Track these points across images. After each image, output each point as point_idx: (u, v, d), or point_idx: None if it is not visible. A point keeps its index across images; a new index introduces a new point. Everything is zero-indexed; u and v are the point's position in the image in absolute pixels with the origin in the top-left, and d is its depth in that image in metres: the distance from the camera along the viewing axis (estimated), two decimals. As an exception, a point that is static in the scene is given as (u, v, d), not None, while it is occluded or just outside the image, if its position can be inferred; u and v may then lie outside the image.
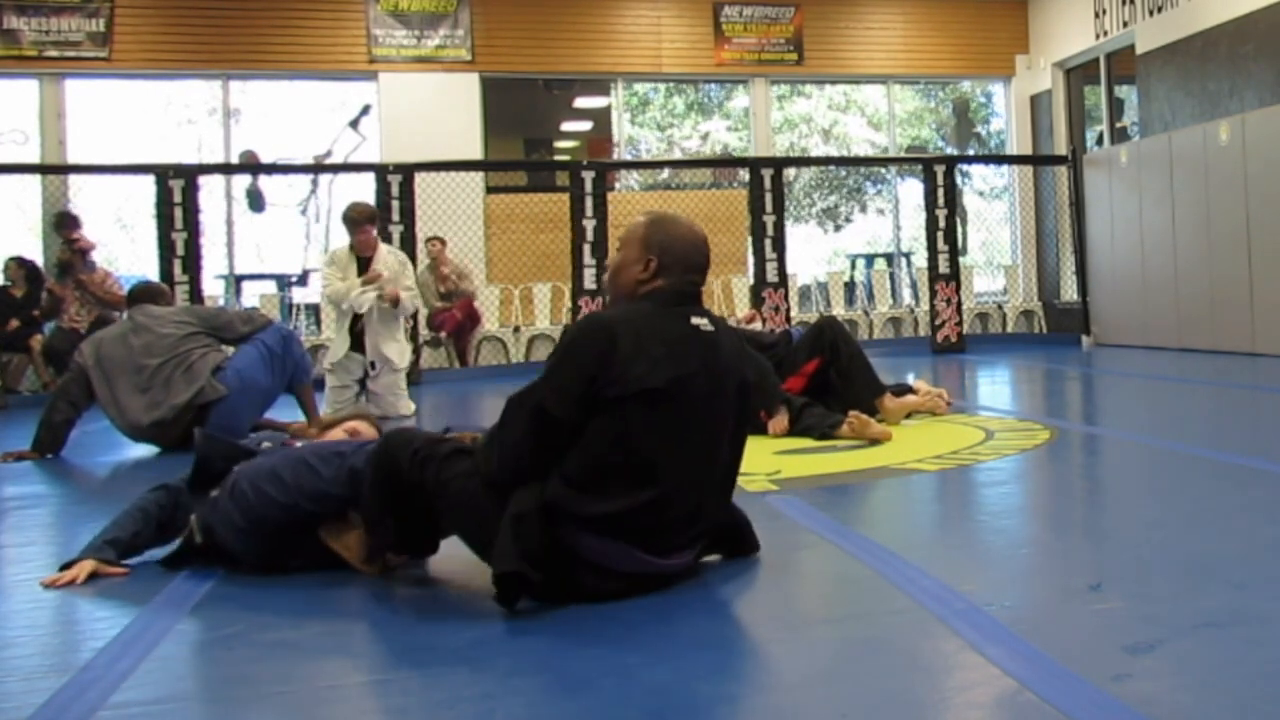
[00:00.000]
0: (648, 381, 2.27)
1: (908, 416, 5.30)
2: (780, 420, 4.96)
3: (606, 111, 12.69)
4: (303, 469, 2.69)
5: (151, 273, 9.64)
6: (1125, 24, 10.95)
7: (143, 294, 5.68)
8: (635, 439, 2.28)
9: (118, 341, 5.28)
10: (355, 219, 6.54)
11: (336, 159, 11.20)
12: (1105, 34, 11.35)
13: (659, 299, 2.42)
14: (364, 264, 6.56)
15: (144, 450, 5.41)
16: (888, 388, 5.34)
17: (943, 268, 10.90)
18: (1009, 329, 12.17)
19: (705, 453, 2.40)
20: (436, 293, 10.04)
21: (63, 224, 9.13)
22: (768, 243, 10.41)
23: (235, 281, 11.18)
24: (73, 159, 10.87)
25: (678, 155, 13.88)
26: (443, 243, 10.10)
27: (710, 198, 12.39)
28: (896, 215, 13.47)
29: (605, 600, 2.32)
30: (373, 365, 6.56)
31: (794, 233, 12.81)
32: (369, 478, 2.52)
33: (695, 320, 2.41)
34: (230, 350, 5.46)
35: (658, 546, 2.34)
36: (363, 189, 10.03)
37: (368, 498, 2.53)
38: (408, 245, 9.72)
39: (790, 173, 13.59)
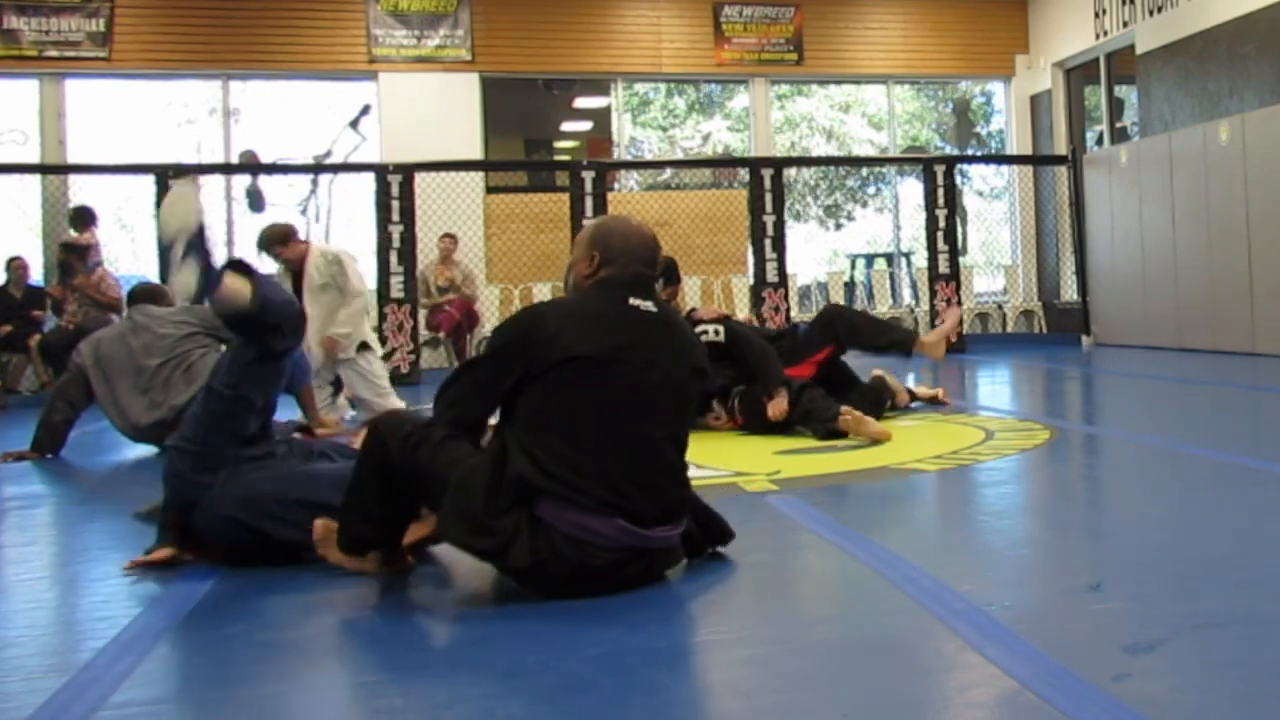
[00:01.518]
0: (576, 349, 2.37)
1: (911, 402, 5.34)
2: (780, 402, 4.94)
3: (606, 111, 12.69)
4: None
5: (151, 273, 9.64)
6: (1125, 24, 10.95)
7: (142, 294, 5.68)
8: (578, 406, 2.36)
9: (116, 342, 5.28)
10: (260, 245, 6.39)
11: (336, 159, 11.17)
12: (1105, 34, 11.34)
13: (602, 286, 2.51)
14: (296, 277, 6.35)
15: (143, 450, 5.41)
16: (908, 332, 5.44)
17: (943, 268, 10.90)
18: (1009, 329, 12.16)
19: (656, 418, 2.45)
20: (436, 287, 10.03)
21: (79, 219, 9.09)
22: (768, 243, 10.42)
23: (235, 281, 11.15)
24: (73, 159, 10.87)
25: (678, 155, 13.88)
26: (454, 241, 10.09)
27: (710, 198, 12.38)
28: (896, 215, 13.47)
29: (584, 587, 2.33)
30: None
31: (794, 232, 12.81)
32: (358, 463, 2.55)
33: (634, 301, 2.50)
34: None
35: (637, 515, 2.36)
36: (363, 189, 10.04)
37: (355, 484, 2.54)
38: (407, 245, 9.74)
39: (790, 172, 13.58)
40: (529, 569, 2.33)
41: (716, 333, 5.18)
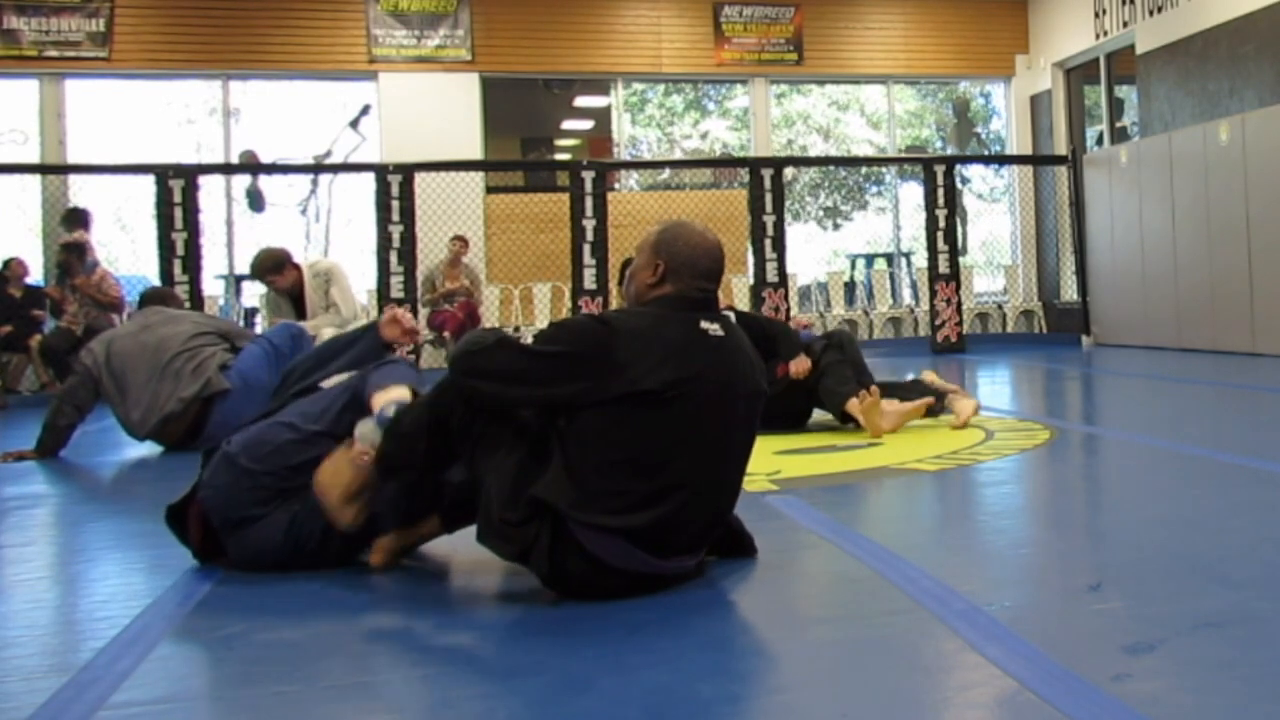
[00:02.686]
0: (642, 383, 2.26)
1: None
2: (802, 360, 4.98)
3: (607, 111, 12.69)
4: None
5: (151, 273, 9.65)
6: (1125, 24, 10.95)
7: (153, 296, 5.83)
8: (635, 439, 2.28)
9: (129, 338, 5.34)
10: (253, 272, 6.33)
11: (336, 159, 11.20)
12: (1105, 34, 11.35)
13: (666, 303, 2.42)
14: (296, 302, 6.29)
15: (145, 450, 5.41)
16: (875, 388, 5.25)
17: (943, 268, 10.90)
18: (1009, 329, 12.17)
19: (714, 457, 2.38)
20: (443, 287, 10.03)
21: (71, 220, 9.09)
22: (768, 243, 10.42)
23: (235, 281, 11.17)
24: (73, 159, 10.87)
25: (678, 155, 13.88)
26: (465, 244, 10.09)
27: (710, 198, 12.39)
28: (896, 215, 13.47)
29: (598, 595, 2.32)
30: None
31: (794, 232, 12.82)
32: (421, 418, 2.46)
33: (704, 325, 2.40)
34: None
35: (659, 549, 2.34)
36: (363, 189, 10.05)
37: (405, 438, 2.47)
38: (407, 245, 9.74)
39: (790, 172, 13.59)
40: (548, 574, 2.32)
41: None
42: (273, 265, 6.17)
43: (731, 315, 5.16)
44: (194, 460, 2.96)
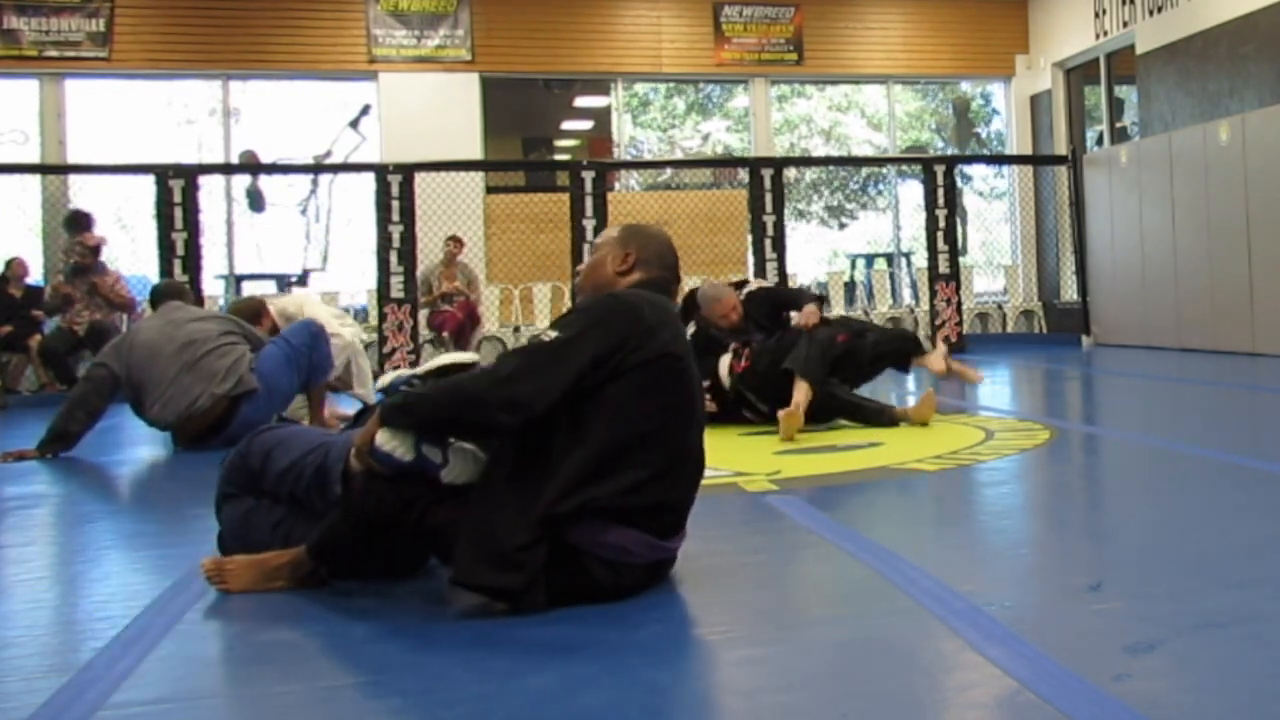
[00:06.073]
0: (672, 346, 2.35)
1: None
2: (812, 310, 5.31)
3: (607, 111, 12.70)
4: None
5: (151, 273, 9.65)
6: (1125, 24, 10.95)
7: (169, 291, 5.86)
8: (661, 407, 2.32)
9: (155, 330, 5.37)
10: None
11: (336, 159, 11.20)
12: (1105, 34, 11.35)
13: (648, 288, 2.49)
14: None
15: (147, 450, 5.41)
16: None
17: (943, 268, 10.90)
18: (1009, 329, 12.16)
19: (698, 424, 2.48)
20: (439, 289, 10.05)
21: (75, 224, 9.07)
22: (768, 243, 10.42)
23: (235, 281, 11.17)
24: (73, 159, 10.87)
25: (678, 155, 13.88)
26: (460, 244, 10.09)
27: (710, 198, 12.39)
28: (896, 215, 13.47)
29: (621, 596, 2.32)
30: None
31: (795, 233, 12.82)
32: (339, 522, 2.40)
33: (672, 307, 2.54)
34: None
35: (665, 528, 2.37)
36: (363, 189, 10.05)
37: (332, 534, 2.43)
38: (407, 245, 9.75)
39: (791, 174, 13.59)
40: (562, 590, 2.27)
41: (759, 286, 5.99)
42: (251, 315, 6.16)
43: (756, 284, 5.61)
44: (197, 460, 2.96)
